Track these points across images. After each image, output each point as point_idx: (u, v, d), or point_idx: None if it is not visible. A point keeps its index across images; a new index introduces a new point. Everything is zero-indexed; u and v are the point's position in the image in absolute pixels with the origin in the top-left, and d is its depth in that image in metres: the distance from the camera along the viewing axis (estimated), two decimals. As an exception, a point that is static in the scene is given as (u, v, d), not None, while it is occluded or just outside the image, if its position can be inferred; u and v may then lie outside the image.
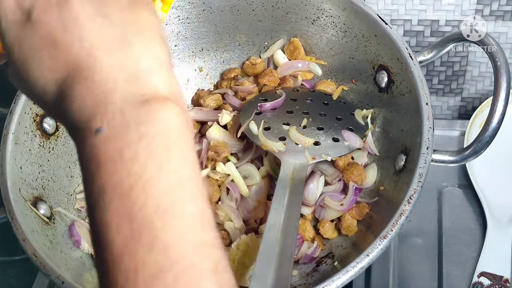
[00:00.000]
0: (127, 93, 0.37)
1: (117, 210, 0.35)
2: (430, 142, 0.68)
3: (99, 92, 0.37)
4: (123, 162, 0.35)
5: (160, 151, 0.36)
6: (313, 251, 0.75)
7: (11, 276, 0.93)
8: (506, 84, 0.68)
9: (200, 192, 0.36)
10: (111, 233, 0.35)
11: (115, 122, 0.36)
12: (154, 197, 0.35)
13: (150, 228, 0.34)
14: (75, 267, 0.73)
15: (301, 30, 0.86)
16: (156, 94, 0.37)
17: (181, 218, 0.35)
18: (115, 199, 0.35)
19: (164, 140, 0.36)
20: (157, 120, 0.36)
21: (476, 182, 0.85)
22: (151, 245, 0.34)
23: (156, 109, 0.36)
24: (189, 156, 0.37)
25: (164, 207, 0.35)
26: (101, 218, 0.35)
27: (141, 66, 0.38)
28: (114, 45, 0.38)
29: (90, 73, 0.37)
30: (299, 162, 0.76)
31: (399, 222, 0.64)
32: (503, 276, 0.77)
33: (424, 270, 0.80)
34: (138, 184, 0.35)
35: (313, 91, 0.86)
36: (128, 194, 0.35)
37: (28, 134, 0.76)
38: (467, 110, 0.99)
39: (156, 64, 0.38)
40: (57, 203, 0.78)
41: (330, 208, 0.77)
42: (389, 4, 0.88)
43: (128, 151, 0.35)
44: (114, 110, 0.36)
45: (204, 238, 0.35)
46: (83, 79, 0.37)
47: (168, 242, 0.34)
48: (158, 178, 0.35)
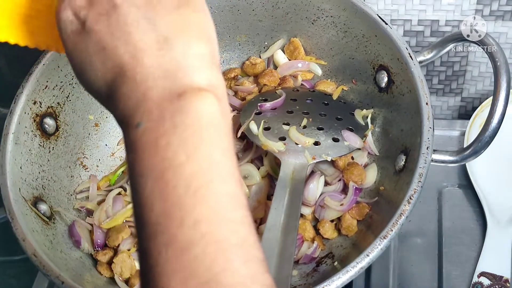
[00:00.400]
0: (164, 89, 0.40)
1: (152, 191, 0.38)
2: (430, 142, 0.68)
3: (139, 90, 0.40)
4: (158, 149, 0.39)
5: (191, 138, 0.39)
6: (313, 251, 0.75)
7: (11, 276, 0.93)
8: (506, 84, 0.68)
9: (231, 173, 0.39)
10: (147, 212, 0.38)
11: (153, 116, 0.39)
12: (184, 178, 0.38)
13: (181, 205, 0.37)
14: (75, 267, 0.73)
15: (301, 30, 0.86)
16: (191, 87, 0.40)
17: (210, 197, 0.38)
18: (150, 182, 0.38)
19: (196, 128, 0.39)
20: (190, 111, 0.39)
21: (476, 182, 0.85)
22: (182, 221, 0.37)
23: (191, 100, 0.40)
24: (220, 141, 0.40)
25: (194, 187, 0.38)
26: (139, 200, 0.39)
27: (181, 63, 0.41)
28: (155, 46, 0.41)
29: (133, 74, 0.41)
30: (299, 162, 0.76)
31: (399, 222, 0.64)
32: (503, 276, 0.77)
33: (424, 270, 0.80)
34: (171, 168, 0.38)
35: (313, 91, 0.86)
36: (161, 177, 0.38)
37: (28, 134, 0.76)
38: (467, 110, 0.99)
39: (196, 60, 0.41)
40: (57, 203, 0.78)
41: (330, 208, 0.77)
42: (389, 4, 0.88)
43: (163, 140, 0.39)
44: (151, 106, 0.40)
45: (233, 215, 0.38)
46: (127, 80, 0.41)
47: (197, 218, 0.37)
48: (188, 162, 0.38)
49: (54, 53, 0.78)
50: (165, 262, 0.37)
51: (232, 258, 0.37)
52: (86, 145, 0.85)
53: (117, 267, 0.75)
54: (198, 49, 0.42)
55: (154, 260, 0.37)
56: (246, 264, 0.37)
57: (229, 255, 0.37)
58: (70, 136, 0.82)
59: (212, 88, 0.41)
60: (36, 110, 0.78)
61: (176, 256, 0.36)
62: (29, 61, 0.78)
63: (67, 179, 0.82)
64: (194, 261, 0.36)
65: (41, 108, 0.78)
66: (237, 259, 0.37)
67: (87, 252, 0.77)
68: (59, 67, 0.80)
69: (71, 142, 0.83)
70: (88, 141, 0.85)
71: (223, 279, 0.36)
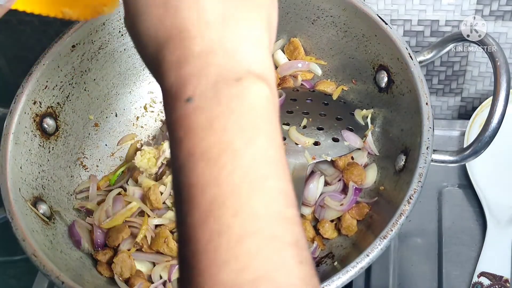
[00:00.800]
0: (222, 69, 0.38)
1: (204, 173, 0.36)
2: (430, 142, 0.68)
3: (195, 63, 0.38)
4: (213, 131, 0.36)
5: (249, 127, 0.37)
6: (313, 251, 0.75)
7: (11, 276, 0.93)
8: (506, 84, 0.68)
9: (284, 171, 0.38)
10: (197, 194, 0.36)
11: (207, 95, 0.37)
12: (242, 166, 0.36)
13: (237, 194, 0.35)
14: (75, 267, 0.73)
15: (301, 30, 0.86)
16: (250, 73, 0.38)
17: (266, 190, 0.36)
18: (202, 163, 0.36)
19: (254, 117, 0.37)
20: (248, 98, 0.37)
21: (476, 182, 0.85)
22: (237, 210, 0.35)
23: (248, 87, 0.38)
24: (276, 138, 0.38)
25: (251, 178, 0.36)
26: (187, 180, 0.37)
27: (241, 44, 0.39)
28: (220, 21, 0.39)
29: (191, 43, 0.38)
30: (299, 162, 0.76)
31: (399, 222, 0.64)
32: (503, 276, 0.77)
33: (424, 270, 0.80)
34: (227, 153, 0.36)
35: (313, 91, 0.86)
36: (216, 160, 0.36)
37: (28, 134, 0.76)
38: (467, 110, 0.99)
39: (255, 44, 0.39)
40: (57, 203, 0.78)
41: (330, 208, 0.77)
42: (389, 4, 0.88)
43: (218, 122, 0.37)
44: (207, 83, 0.37)
45: (287, 213, 0.36)
46: (182, 47, 0.38)
47: (253, 210, 0.35)
48: (246, 150, 0.36)
49: (54, 53, 0.78)
50: (216, 250, 0.35)
51: (287, 257, 0.35)
52: (86, 145, 0.85)
53: (117, 267, 0.75)
54: (260, 33, 0.40)
55: (203, 247, 0.35)
56: (300, 265, 0.35)
57: (284, 254, 0.35)
58: (70, 136, 0.83)
59: (267, 78, 0.39)
60: (36, 110, 0.78)
61: (229, 246, 0.34)
62: (29, 61, 0.78)
63: (67, 179, 0.82)
64: (248, 254, 0.34)
65: (41, 108, 0.78)
66: (291, 259, 0.35)
67: (87, 252, 0.77)
68: (59, 67, 0.80)
69: (71, 142, 0.83)
70: (88, 141, 0.85)
71: (277, 278, 0.34)
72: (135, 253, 0.76)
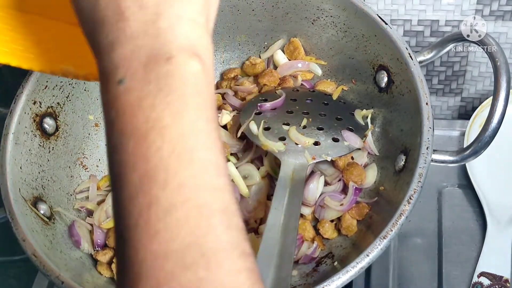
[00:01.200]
0: (153, 49, 0.39)
1: (134, 150, 0.37)
2: (430, 142, 0.68)
3: (127, 46, 0.39)
4: (142, 109, 0.38)
5: (177, 102, 0.38)
6: (313, 251, 0.75)
7: (11, 276, 0.93)
8: (506, 84, 0.68)
9: (214, 142, 0.39)
10: (128, 171, 0.37)
11: (137, 76, 0.38)
12: (170, 141, 0.37)
13: (165, 168, 0.37)
14: (75, 267, 0.73)
15: (301, 30, 0.86)
16: (182, 51, 0.39)
17: (195, 162, 0.37)
18: (132, 141, 0.38)
19: (181, 93, 0.38)
20: (177, 76, 0.38)
21: (476, 182, 0.85)
22: (166, 183, 0.37)
23: (178, 65, 0.39)
24: (205, 110, 0.39)
25: (179, 151, 0.37)
26: (119, 158, 0.38)
27: (174, 24, 0.39)
28: (154, 2, 0.39)
29: (124, 25, 0.39)
30: (299, 162, 0.76)
31: (399, 222, 0.64)
32: (503, 276, 0.77)
33: (424, 270, 0.80)
34: (155, 129, 0.37)
35: (313, 91, 0.86)
36: (145, 137, 0.37)
37: (28, 134, 0.76)
38: (467, 110, 0.99)
39: (189, 23, 0.40)
40: (57, 203, 0.78)
41: (330, 208, 0.77)
42: (389, 4, 0.88)
43: (147, 100, 0.38)
44: (138, 65, 0.38)
45: (216, 182, 0.38)
46: (115, 30, 0.39)
47: (181, 182, 0.37)
48: (174, 125, 0.38)
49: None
50: (146, 223, 0.36)
51: (215, 223, 0.37)
52: (86, 145, 0.85)
53: (117, 267, 0.74)
54: (195, 12, 0.41)
55: (134, 220, 0.37)
56: (228, 230, 0.37)
57: (212, 221, 0.37)
58: (70, 136, 0.83)
59: (200, 56, 0.40)
60: (36, 110, 0.78)
61: (158, 218, 0.36)
62: (29, 61, 0.78)
63: (67, 179, 0.82)
64: (177, 223, 0.36)
65: (41, 108, 0.78)
66: (220, 225, 0.37)
67: (87, 252, 0.77)
68: (59, 67, 0.80)
69: (71, 142, 0.83)
70: (88, 141, 0.85)
71: (205, 243, 0.36)
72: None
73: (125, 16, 0.39)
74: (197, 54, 0.40)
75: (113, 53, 0.39)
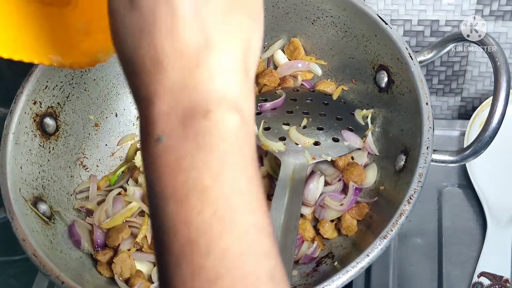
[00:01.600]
0: (191, 103, 0.37)
1: (175, 215, 0.36)
2: (430, 142, 0.68)
3: (165, 99, 0.37)
4: (181, 171, 0.36)
5: (215, 162, 0.36)
6: (313, 251, 0.75)
7: (11, 276, 0.93)
8: (506, 84, 0.68)
9: (257, 202, 0.37)
10: (170, 237, 0.36)
11: (176, 133, 0.37)
12: (210, 203, 0.36)
13: (208, 232, 0.35)
14: (75, 267, 0.73)
15: (301, 30, 0.86)
16: (220, 104, 0.37)
17: (238, 225, 0.36)
18: (171, 205, 0.36)
19: (221, 151, 0.37)
20: (215, 132, 0.37)
21: (476, 182, 0.85)
22: (209, 249, 0.35)
23: (216, 121, 0.37)
24: (245, 168, 0.38)
25: (221, 214, 0.36)
26: (159, 223, 0.37)
27: (212, 75, 0.37)
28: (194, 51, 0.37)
29: (162, 77, 0.37)
30: (299, 162, 0.76)
31: (399, 222, 0.64)
32: (503, 276, 0.77)
33: (424, 270, 0.80)
34: (195, 192, 0.36)
35: (313, 91, 0.86)
36: (185, 200, 0.36)
37: (28, 134, 0.76)
38: (467, 110, 0.99)
39: (227, 74, 0.38)
40: (57, 203, 0.78)
41: (330, 208, 0.77)
42: (389, 4, 0.88)
43: (186, 160, 0.36)
44: (176, 120, 0.37)
45: (261, 247, 0.36)
46: (155, 81, 0.37)
47: (225, 248, 0.35)
48: (214, 186, 0.36)
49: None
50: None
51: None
52: (86, 145, 0.85)
53: (117, 267, 0.75)
54: (234, 60, 0.38)
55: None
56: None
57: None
58: (70, 136, 0.83)
59: (239, 107, 0.38)
60: (36, 110, 0.78)
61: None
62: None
63: (67, 179, 0.82)
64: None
65: (41, 108, 0.78)
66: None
67: (87, 252, 0.77)
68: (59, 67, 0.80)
69: (71, 142, 0.83)
70: (88, 141, 0.85)
71: None
72: (135, 253, 0.76)
73: (163, 66, 0.37)
74: (236, 106, 0.38)
75: (152, 108, 0.37)
